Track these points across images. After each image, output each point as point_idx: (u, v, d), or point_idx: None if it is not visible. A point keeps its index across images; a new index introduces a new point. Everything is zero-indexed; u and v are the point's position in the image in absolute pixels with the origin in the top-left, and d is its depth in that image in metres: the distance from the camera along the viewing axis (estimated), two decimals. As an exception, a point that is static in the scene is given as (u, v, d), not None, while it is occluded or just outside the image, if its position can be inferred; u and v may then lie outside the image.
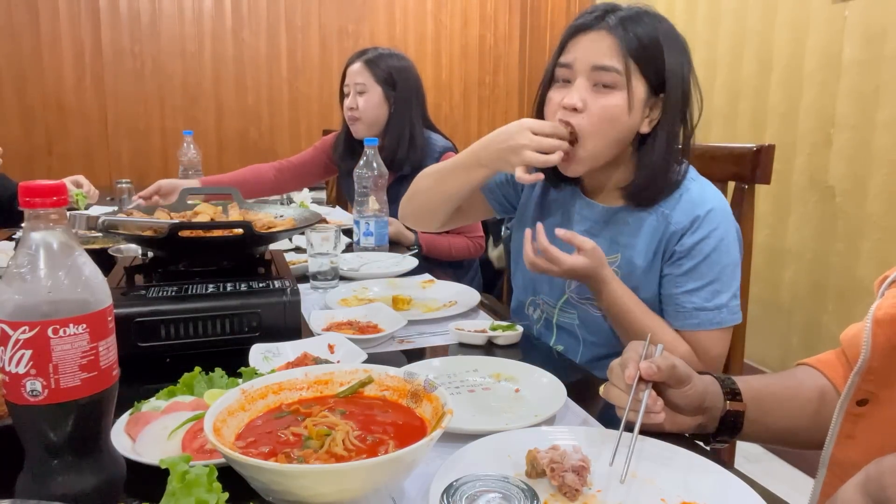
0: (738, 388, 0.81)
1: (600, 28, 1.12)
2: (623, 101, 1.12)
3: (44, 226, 0.58)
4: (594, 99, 1.13)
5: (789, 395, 0.85)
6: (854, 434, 0.71)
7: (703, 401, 0.79)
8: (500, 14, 4.68)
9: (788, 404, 0.84)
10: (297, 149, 4.43)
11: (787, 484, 2.26)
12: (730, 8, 2.83)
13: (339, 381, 0.74)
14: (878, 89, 2.18)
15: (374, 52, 2.13)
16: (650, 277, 1.20)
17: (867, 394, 0.69)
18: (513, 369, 0.99)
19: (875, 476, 0.47)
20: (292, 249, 1.83)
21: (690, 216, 1.15)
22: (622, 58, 1.11)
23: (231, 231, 1.14)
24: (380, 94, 2.10)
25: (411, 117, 2.10)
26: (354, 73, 2.12)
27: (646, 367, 0.75)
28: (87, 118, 4.02)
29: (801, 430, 0.85)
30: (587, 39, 1.14)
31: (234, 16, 4.18)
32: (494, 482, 0.60)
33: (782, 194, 2.55)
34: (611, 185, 1.24)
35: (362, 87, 2.09)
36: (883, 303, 0.67)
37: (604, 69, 1.11)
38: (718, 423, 0.81)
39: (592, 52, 1.12)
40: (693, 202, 1.17)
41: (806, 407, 0.84)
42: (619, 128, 1.14)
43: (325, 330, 1.15)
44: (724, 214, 1.17)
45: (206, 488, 0.56)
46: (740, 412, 0.80)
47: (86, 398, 0.59)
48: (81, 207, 2.21)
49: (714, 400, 0.80)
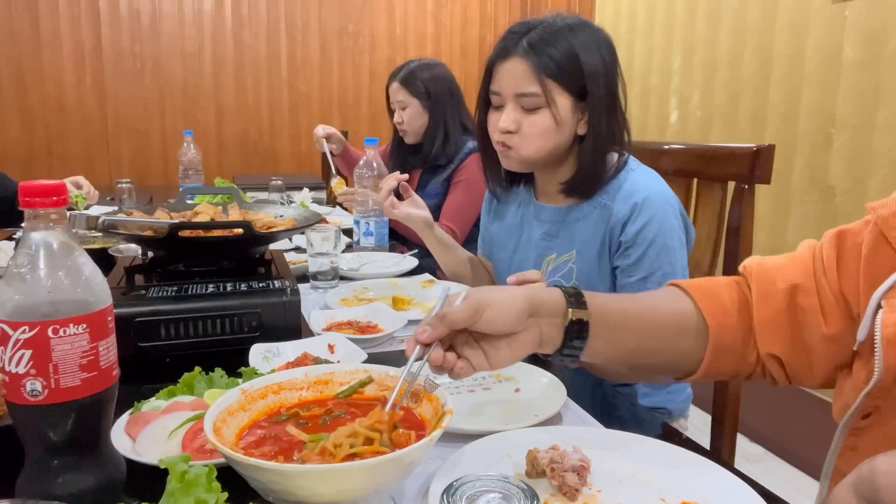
0: (584, 298, 0.76)
1: (515, 55, 1.20)
2: (549, 119, 1.20)
3: (44, 226, 0.58)
4: (524, 119, 1.21)
5: (638, 312, 0.80)
6: (857, 446, 0.70)
7: (518, 312, 0.71)
8: (500, 14, 4.68)
9: (637, 321, 0.79)
10: (297, 149, 4.44)
11: (788, 484, 2.26)
12: (730, 8, 2.83)
13: (339, 381, 0.74)
14: (878, 89, 2.18)
15: (406, 70, 2.37)
16: (603, 272, 1.25)
17: (872, 408, 0.68)
18: (513, 369, 0.99)
19: (867, 476, 0.47)
20: (292, 249, 1.83)
21: (629, 204, 1.21)
22: (539, 81, 1.18)
23: (231, 231, 1.14)
24: (417, 105, 2.34)
25: (445, 118, 2.34)
26: (394, 93, 2.38)
27: (419, 333, 0.69)
28: (87, 118, 4.02)
29: (652, 352, 0.80)
30: (506, 67, 1.21)
31: (234, 16, 4.18)
32: (494, 482, 0.60)
33: (782, 194, 2.55)
34: (557, 184, 1.30)
35: (403, 103, 2.35)
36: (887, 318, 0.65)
37: (525, 95, 1.20)
38: (564, 333, 0.74)
39: (512, 80, 1.20)
40: (630, 191, 1.22)
41: (659, 330, 0.79)
42: (551, 139, 1.22)
43: (324, 330, 1.15)
44: (661, 197, 1.22)
45: (205, 488, 0.56)
46: (584, 321, 0.74)
47: (86, 398, 0.59)
48: (81, 209, 2.21)
49: (548, 303, 0.74)
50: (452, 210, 2.22)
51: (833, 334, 0.74)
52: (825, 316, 0.75)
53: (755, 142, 1.37)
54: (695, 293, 0.81)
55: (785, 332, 0.77)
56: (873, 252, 0.71)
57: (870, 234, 0.72)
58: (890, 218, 0.69)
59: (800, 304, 0.76)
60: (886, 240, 0.70)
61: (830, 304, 0.75)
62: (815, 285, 0.76)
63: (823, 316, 0.75)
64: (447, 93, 2.36)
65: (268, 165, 4.36)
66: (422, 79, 2.33)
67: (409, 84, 2.34)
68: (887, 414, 0.67)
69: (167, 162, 4.16)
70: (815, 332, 0.75)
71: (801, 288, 0.76)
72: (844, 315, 0.74)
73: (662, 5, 3.25)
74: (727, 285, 0.82)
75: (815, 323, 0.75)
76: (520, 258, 1.40)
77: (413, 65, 2.37)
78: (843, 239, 0.75)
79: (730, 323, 0.79)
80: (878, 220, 0.70)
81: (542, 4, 4.48)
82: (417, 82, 2.33)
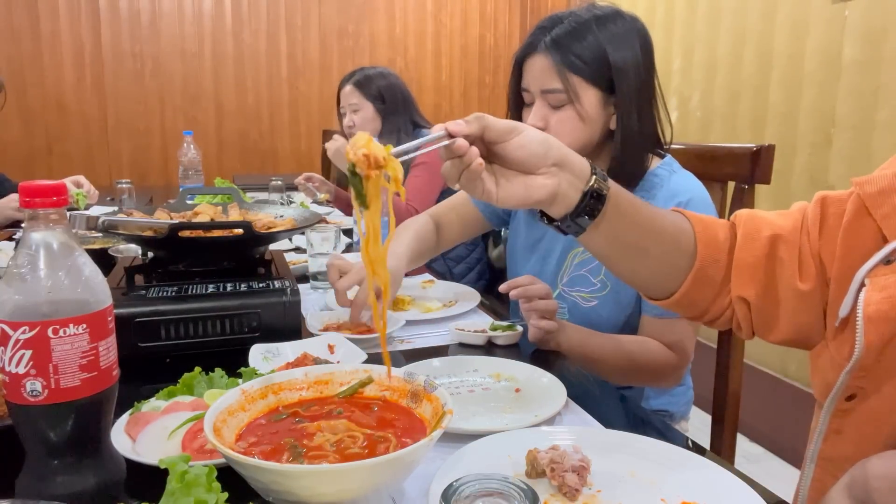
0: (606, 177, 0.76)
1: (539, 51, 1.19)
2: (573, 115, 1.19)
3: (44, 226, 0.58)
4: (551, 116, 1.20)
5: (646, 212, 0.80)
6: (842, 429, 0.70)
7: (548, 149, 0.71)
8: (500, 14, 4.68)
9: (643, 219, 0.79)
10: (296, 149, 4.44)
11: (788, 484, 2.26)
12: (730, 8, 2.83)
13: (339, 381, 0.74)
14: (878, 89, 2.18)
15: (361, 74, 2.44)
16: None
17: (856, 389, 0.68)
18: (513, 369, 0.99)
19: (860, 479, 0.47)
20: (292, 249, 1.83)
21: (672, 203, 1.19)
22: (562, 78, 1.17)
23: (231, 231, 1.14)
24: (371, 109, 2.41)
25: (399, 124, 2.40)
26: (347, 95, 2.44)
27: (452, 124, 0.68)
28: (87, 118, 4.02)
29: (646, 254, 0.80)
30: (532, 63, 1.21)
31: (234, 16, 4.18)
32: (494, 482, 0.60)
33: (782, 194, 2.55)
34: None
35: (355, 106, 2.42)
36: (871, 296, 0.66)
37: (549, 92, 1.19)
38: (580, 198, 0.73)
39: (537, 77, 1.20)
40: (674, 192, 1.21)
41: (659, 235, 0.80)
42: (580, 134, 1.20)
43: (324, 330, 1.14)
44: (703, 203, 1.21)
45: (205, 488, 0.55)
46: (603, 194, 0.74)
47: (86, 398, 0.59)
48: (81, 207, 2.21)
49: (576, 162, 0.74)
50: (413, 191, 2.25)
51: (805, 290, 0.76)
52: (801, 271, 0.76)
53: (755, 142, 1.37)
54: (695, 222, 0.83)
55: (760, 278, 0.78)
56: (853, 221, 0.72)
57: (852, 205, 0.73)
58: (876, 195, 0.70)
59: (779, 254, 0.78)
60: (868, 212, 0.71)
61: (808, 261, 0.76)
62: (798, 241, 0.78)
63: (800, 270, 0.76)
64: (400, 99, 2.43)
65: (268, 165, 4.36)
66: (377, 85, 2.41)
67: (363, 87, 2.41)
68: (871, 396, 0.68)
69: (167, 162, 4.16)
70: (788, 283, 0.77)
71: (783, 239, 0.78)
72: (819, 275, 0.76)
73: (662, 5, 3.25)
74: (724, 226, 0.84)
75: (790, 274, 0.77)
76: (545, 248, 1.37)
77: (368, 71, 2.46)
78: (826, 204, 0.77)
79: (717, 257, 0.81)
80: (863, 196, 0.71)
81: (542, 4, 4.48)
82: (372, 87, 2.40)
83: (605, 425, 0.84)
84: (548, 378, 0.94)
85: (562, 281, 1.31)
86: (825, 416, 0.71)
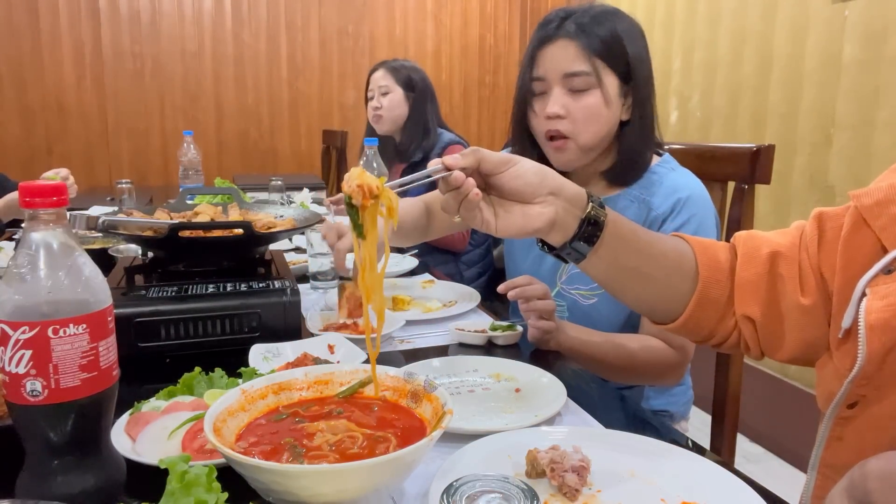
0: (603, 205, 0.78)
1: (562, 37, 1.19)
2: (599, 99, 1.19)
3: (44, 226, 0.58)
4: (573, 103, 1.19)
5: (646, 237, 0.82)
6: (843, 436, 0.70)
7: (543, 178, 0.74)
8: (500, 14, 4.68)
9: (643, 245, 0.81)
10: (297, 149, 4.44)
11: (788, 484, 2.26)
12: (730, 8, 2.83)
13: (339, 381, 0.74)
14: (878, 89, 2.18)
15: (395, 62, 2.48)
16: None
17: (858, 397, 0.69)
18: (513, 369, 0.99)
19: (859, 481, 0.47)
20: (292, 249, 1.83)
21: (671, 200, 1.21)
22: (589, 60, 1.17)
23: (231, 231, 1.14)
24: (401, 94, 2.40)
25: (426, 115, 2.41)
26: (378, 78, 2.44)
27: (448, 158, 0.70)
28: (87, 118, 4.02)
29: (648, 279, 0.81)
30: (552, 50, 1.20)
31: (234, 16, 4.18)
32: (494, 482, 0.60)
33: (782, 194, 2.55)
34: (596, 174, 1.29)
35: (386, 88, 2.40)
36: (871, 305, 0.66)
37: (574, 75, 1.18)
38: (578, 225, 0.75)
39: (560, 61, 1.19)
40: (673, 188, 1.22)
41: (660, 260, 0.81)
42: (602, 122, 1.20)
43: (324, 330, 1.15)
44: (703, 200, 1.22)
45: (205, 488, 0.56)
46: (600, 221, 0.76)
47: (86, 398, 0.59)
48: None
49: (571, 191, 0.75)
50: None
51: (807, 305, 0.76)
52: (802, 286, 0.77)
53: (755, 142, 1.37)
54: (695, 245, 0.84)
55: (762, 295, 0.79)
56: (852, 233, 0.73)
57: (850, 218, 0.74)
58: (873, 207, 0.71)
59: (780, 270, 0.78)
60: (866, 223, 0.72)
61: (808, 276, 0.77)
62: (797, 257, 0.78)
63: (801, 286, 0.77)
64: (429, 93, 2.47)
65: (268, 165, 4.36)
66: (410, 75, 2.43)
67: (395, 72, 2.42)
68: (872, 403, 0.68)
69: (167, 162, 4.16)
70: (790, 299, 0.77)
71: (783, 256, 0.79)
72: (820, 290, 0.76)
73: (662, 5, 3.25)
74: (724, 248, 0.85)
75: (791, 290, 0.77)
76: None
77: (401, 61, 2.50)
78: (824, 220, 0.78)
79: (719, 279, 0.81)
80: (860, 208, 0.72)
81: (542, 4, 4.48)
82: (405, 75, 2.42)
83: (605, 425, 0.84)
84: (548, 378, 0.95)
85: (561, 279, 1.31)
86: (827, 424, 0.71)
